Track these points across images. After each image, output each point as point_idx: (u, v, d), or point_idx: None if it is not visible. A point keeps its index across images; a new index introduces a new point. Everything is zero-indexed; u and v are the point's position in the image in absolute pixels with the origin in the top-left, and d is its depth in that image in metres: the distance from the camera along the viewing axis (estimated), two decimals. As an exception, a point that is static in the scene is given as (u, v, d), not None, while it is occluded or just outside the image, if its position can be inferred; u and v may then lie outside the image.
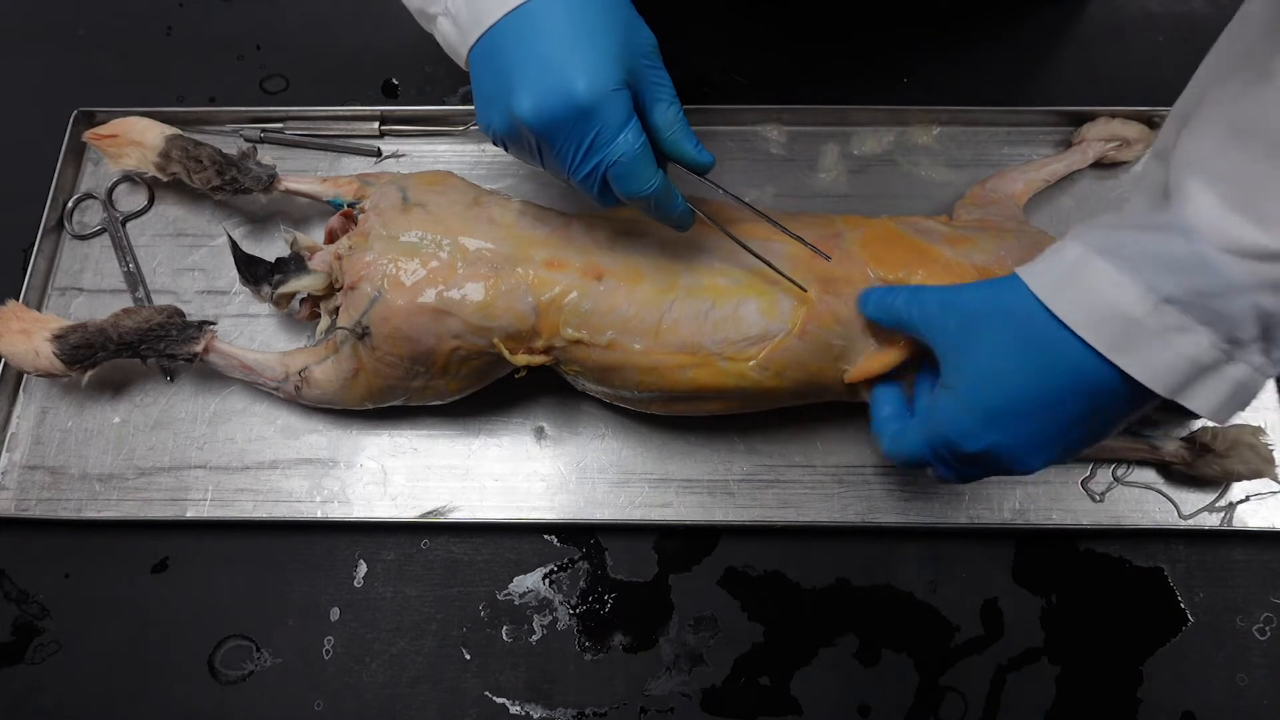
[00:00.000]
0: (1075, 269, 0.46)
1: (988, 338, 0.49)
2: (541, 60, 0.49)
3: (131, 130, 0.72)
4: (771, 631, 0.65)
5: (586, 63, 0.49)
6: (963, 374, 0.50)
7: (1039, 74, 0.83)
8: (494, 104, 0.52)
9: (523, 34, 0.50)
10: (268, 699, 0.64)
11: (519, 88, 0.50)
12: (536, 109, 0.49)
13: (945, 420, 0.51)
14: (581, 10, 0.50)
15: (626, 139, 0.50)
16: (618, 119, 0.50)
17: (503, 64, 0.51)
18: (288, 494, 0.68)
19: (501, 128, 0.53)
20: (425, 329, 0.60)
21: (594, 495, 0.68)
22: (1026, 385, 0.48)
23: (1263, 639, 0.64)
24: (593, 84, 0.49)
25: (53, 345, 0.64)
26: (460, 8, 0.52)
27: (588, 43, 0.49)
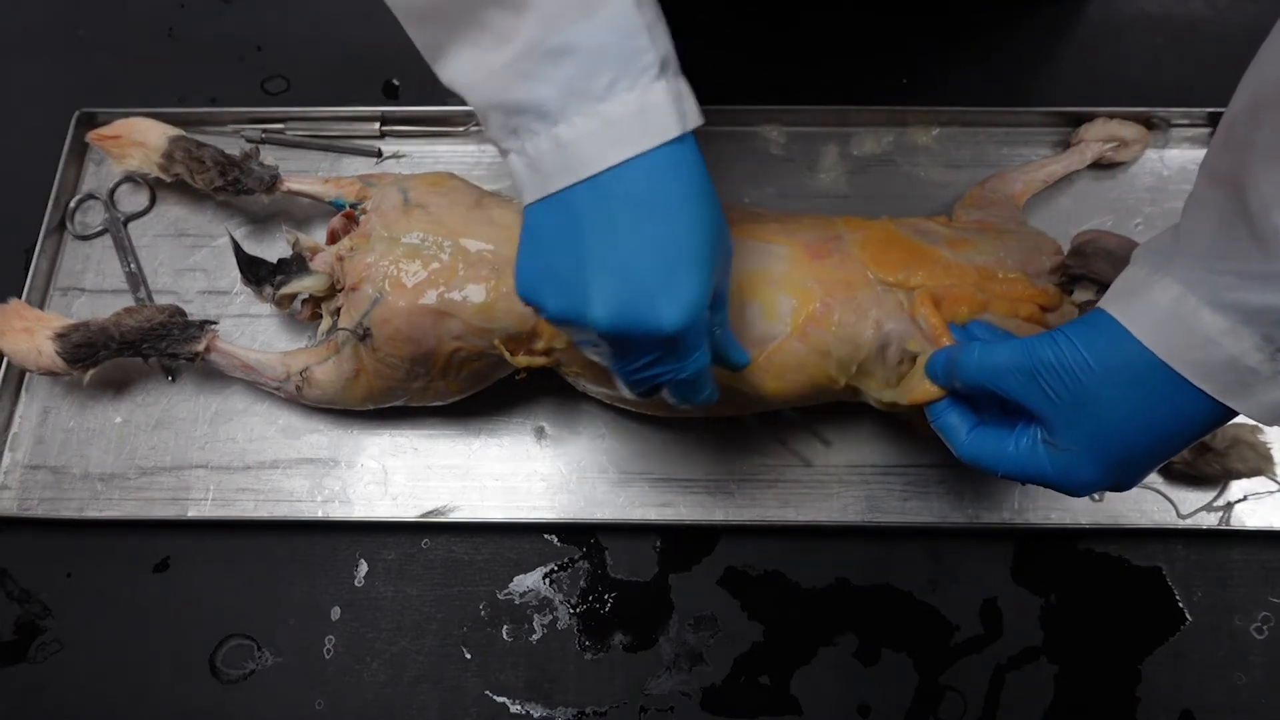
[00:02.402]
0: (1182, 314, 0.45)
1: (1105, 396, 0.47)
2: (631, 270, 0.44)
3: (134, 131, 0.73)
4: (771, 631, 0.65)
5: (683, 290, 0.44)
6: (1078, 432, 0.48)
7: (1038, 75, 0.84)
8: (555, 286, 0.46)
9: (613, 216, 0.44)
10: (268, 698, 0.64)
11: (597, 290, 0.44)
12: (613, 323, 0.44)
13: (1054, 470, 0.50)
14: (685, 206, 0.44)
15: (698, 359, 0.48)
16: (694, 342, 0.47)
17: (581, 247, 0.44)
18: (289, 494, 0.68)
19: (558, 315, 0.46)
20: (426, 330, 0.60)
21: (594, 495, 0.68)
22: (1150, 436, 0.47)
23: (1260, 638, 0.65)
24: (685, 317, 0.44)
25: (55, 344, 0.65)
26: (544, 152, 0.44)
27: (687, 261, 0.44)
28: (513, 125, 0.45)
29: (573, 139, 0.44)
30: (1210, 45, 0.84)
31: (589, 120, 0.43)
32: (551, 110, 0.43)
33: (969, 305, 0.60)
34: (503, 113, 0.45)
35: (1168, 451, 0.48)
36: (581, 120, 0.43)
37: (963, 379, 0.53)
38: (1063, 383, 0.48)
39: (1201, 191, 0.48)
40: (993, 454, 0.52)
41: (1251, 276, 0.43)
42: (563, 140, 0.44)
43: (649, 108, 0.43)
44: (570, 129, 0.43)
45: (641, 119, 0.43)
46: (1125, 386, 0.47)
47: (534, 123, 0.44)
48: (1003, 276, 0.62)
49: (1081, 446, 0.48)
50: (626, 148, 0.43)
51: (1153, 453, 0.48)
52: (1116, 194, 0.76)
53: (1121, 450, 0.48)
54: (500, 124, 0.45)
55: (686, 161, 0.45)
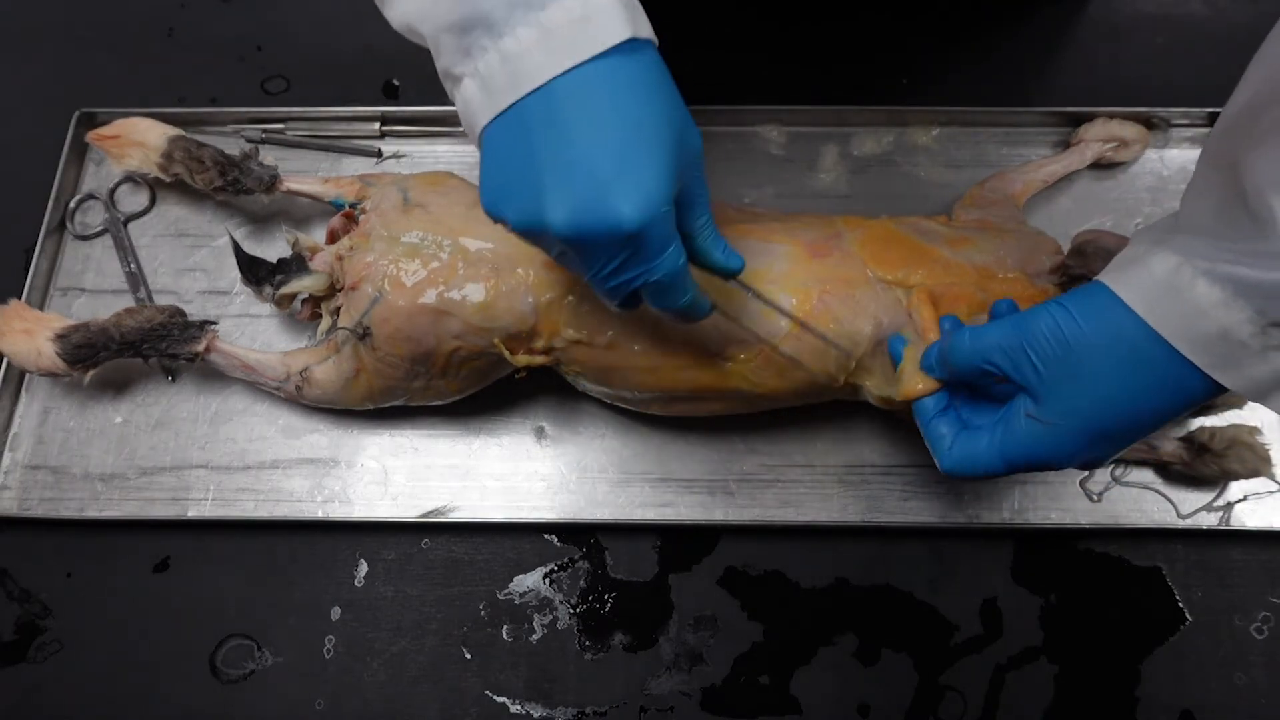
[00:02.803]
0: (1177, 286, 0.45)
1: (1093, 365, 0.47)
2: (583, 167, 0.43)
3: (134, 131, 0.73)
4: (771, 631, 0.65)
5: (638, 183, 0.43)
6: (1064, 404, 0.48)
7: (1038, 75, 0.84)
8: (513, 197, 0.45)
9: (563, 118, 0.43)
10: (268, 698, 0.64)
11: (551, 193, 0.43)
12: (571, 224, 0.43)
13: (1037, 445, 0.49)
14: (637, 100, 0.43)
15: (669, 258, 0.46)
16: (661, 239, 0.45)
17: (533, 153, 0.44)
18: (289, 494, 0.68)
19: (519, 224, 0.46)
20: (426, 329, 0.60)
21: (594, 495, 0.68)
22: (1134, 407, 0.47)
23: (1260, 638, 0.65)
24: (643, 210, 0.43)
25: (55, 345, 0.65)
26: (494, 68, 0.44)
27: (642, 153, 0.43)
28: (465, 45, 0.44)
29: (517, 51, 0.43)
30: (1210, 45, 0.84)
31: (531, 30, 0.43)
32: (497, 21, 0.43)
33: (968, 304, 0.60)
34: (454, 34, 0.44)
35: (1151, 426, 0.48)
36: (525, 30, 0.43)
37: (955, 363, 0.53)
38: (1054, 351, 0.48)
39: (1200, 177, 0.48)
40: (974, 448, 0.52)
41: (1247, 253, 0.44)
42: (509, 53, 0.43)
43: (592, 13, 0.43)
44: (515, 41, 0.43)
45: (585, 26, 0.43)
46: (1115, 357, 0.47)
47: (483, 38, 0.44)
48: (1002, 276, 0.62)
49: (1068, 418, 0.48)
50: (569, 56, 0.43)
51: (1137, 426, 0.48)
52: (1116, 194, 0.76)
53: (1107, 422, 0.48)
54: (453, 47, 0.45)
55: (639, 65, 0.44)
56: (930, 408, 0.55)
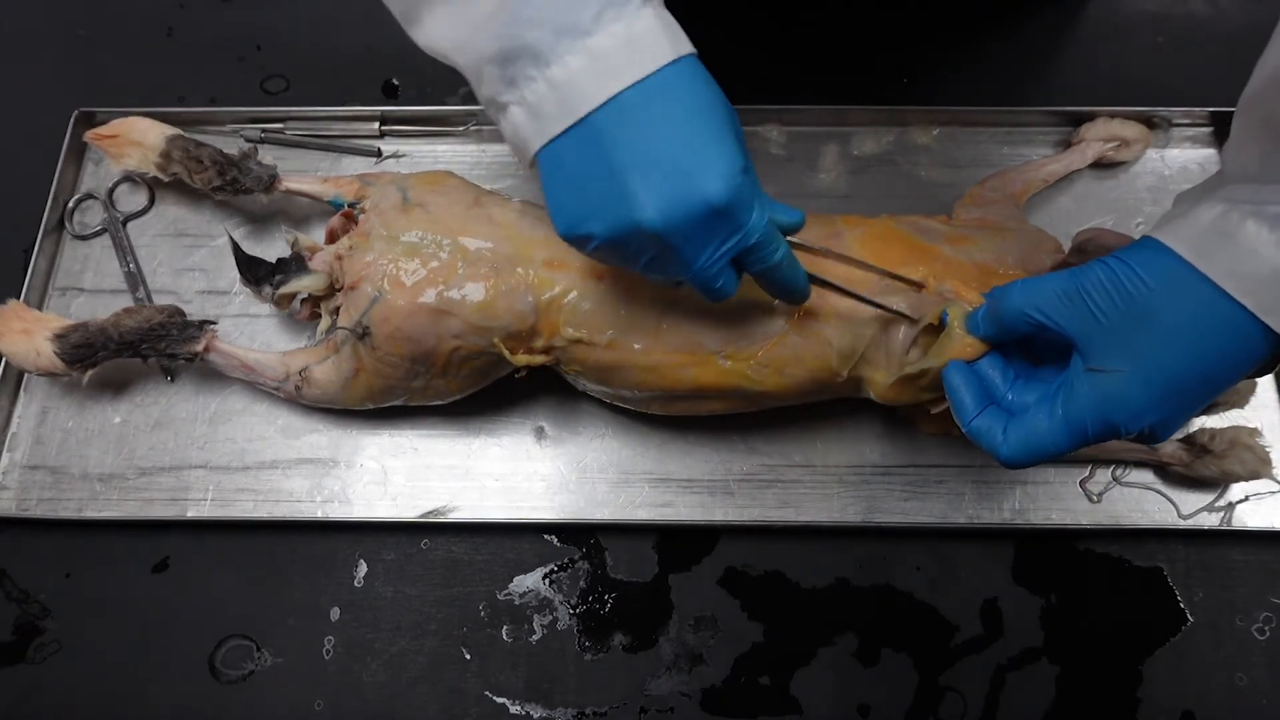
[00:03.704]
0: (1225, 229, 0.45)
1: (1151, 311, 0.47)
2: (664, 159, 0.45)
3: (132, 130, 0.73)
4: (771, 631, 0.65)
5: (716, 158, 0.45)
6: (1128, 349, 0.47)
7: (1039, 74, 0.84)
8: (598, 210, 0.46)
9: (632, 127, 0.45)
10: (268, 699, 0.64)
11: (639, 192, 0.45)
12: (666, 213, 0.45)
13: (1105, 405, 0.48)
14: (695, 98, 0.46)
15: (756, 218, 0.48)
16: (746, 203, 0.47)
17: (608, 162, 0.45)
18: (288, 494, 0.68)
19: (610, 233, 0.47)
20: (425, 329, 0.60)
21: (594, 495, 0.68)
22: (1197, 356, 0.46)
23: (1262, 639, 0.65)
24: (728, 181, 0.45)
25: (54, 345, 0.65)
26: (543, 96, 0.45)
27: (712, 135, 0.46)
28: (509, 75, 0.46)
29: (566, 78, 0.45)
30: (1211, 44, 0.84)
31: (580, 58, 0.44)
32: (544, 51, 0.44)
33: (969, 303, 0.59)
34: (497, 64, 0.46)
35: (1213, 380, 0.47)
36: (573, 59, 0.44)
37: (1005, 314, 0.52)
38: (1111, 297, 0.48)
39: (1239, 132, 0.48)
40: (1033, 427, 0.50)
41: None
42: (557, 81, 0.45)
43: (637, 37, 0.45)
44: (563, 69, 0.45)
45: (631, 48, 0.45)
46: (1173, 303, 0.46)
47: (529, 68, 0.45)
48: (1003, 274, 0.62)
49: (1128, 365, 0.47)
50: (621, 79, 0.45)
51: (1199, 379, 0.47)
52: (1117, 193, 0.76)
53: (1168, 372, 0.47)
54: (496, 77, 0.46)
55: (689, 72, 0.46)
56: (970, 409, 0.53)
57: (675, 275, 0.50)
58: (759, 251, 0.49)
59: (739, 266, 0.51)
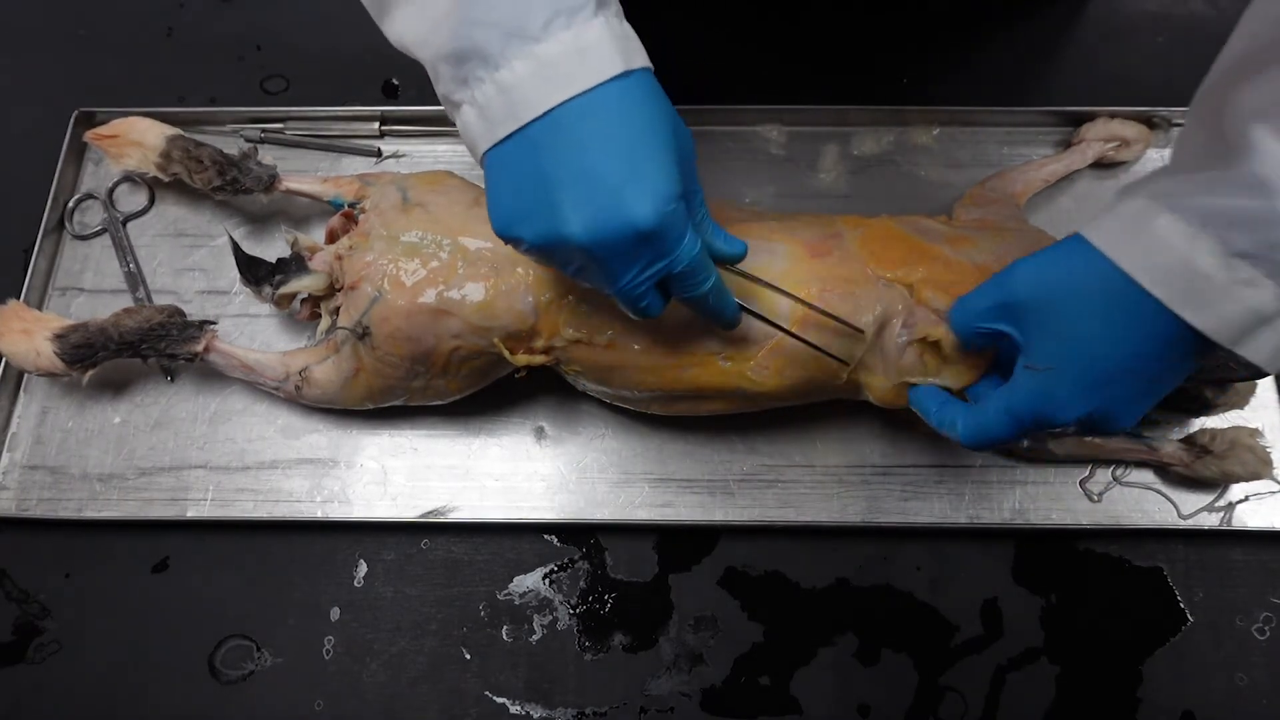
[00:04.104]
0: (1142, 223, 0.46)
1: (1070, 306, 0.48)
2: (595, 177, 0.45)
3: (132, 130, 0.73)
4: (771, 631, 0.65)
5: (648, 182, 0.45)
6: (1049, 350, 0.49)
7: (1039, 74, 0.84)
8: (528, 216, 0.47)
9: (569, 139, 0.45)
10: (268, 699, 0.64)
11: (567, 206, 0.45)
12: (590, 231, 0.45)
13: (1036, 399, 0.50)
14: (636, 116, 0.46)
15: (687, 246, 0.48)
16: (677, 231, 0.47)
17: (543, 172, 0.45)
18: (288, 494, 0.68)
19: (537, 241, 0.47)
20: (425, 329, 0.60)
21: (594, 495, 0.68)
22: (1116, 350, 0.47)
23: (1262, 639, 0.65)
24: (656, 206, 0.45)
25: (54, 345, 0.65)
26: (491, 98, 0.45)
27: (647, 157, 0.45)
28: (462, 75, 0.46)
29: (514, 83, 0.45)
30: (1211, 44, 0.82)
31: (527, 63, 0.44)
32: (493, 54, 0.44)
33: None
34: (450, 63, 0.46)
35: (1142, 373, 0.48)
36: (521, 63, 0.44)
37: (959, 332, 0.55)
38: (1033, 296, 0.49)
39: (1187, 128, 0.50)
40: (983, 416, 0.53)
41: (1214, 181, 0.44)
42: (505, 85, 0.45)
43: (588, 47, 0.44)
44: (511, 73, 0.45)
45: (580, 58, 0.44)
46: (1089, 296, 0.47)
47: (479, 69, 0.45)
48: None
49: (1057, 361, 0.49)
50: (566, 88, 0.44)
51: (1126, 371, 0.48)
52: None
53: (1093, 364, 0.48)
54: (450, 76, 0.47)
55: (637, 88, 0.46)
56: (932, 405, 0.57)
57: (600, 288, 0.51)
58: (685, 280, 0.49)
59: (666, 290, 0.51)
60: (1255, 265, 0.43)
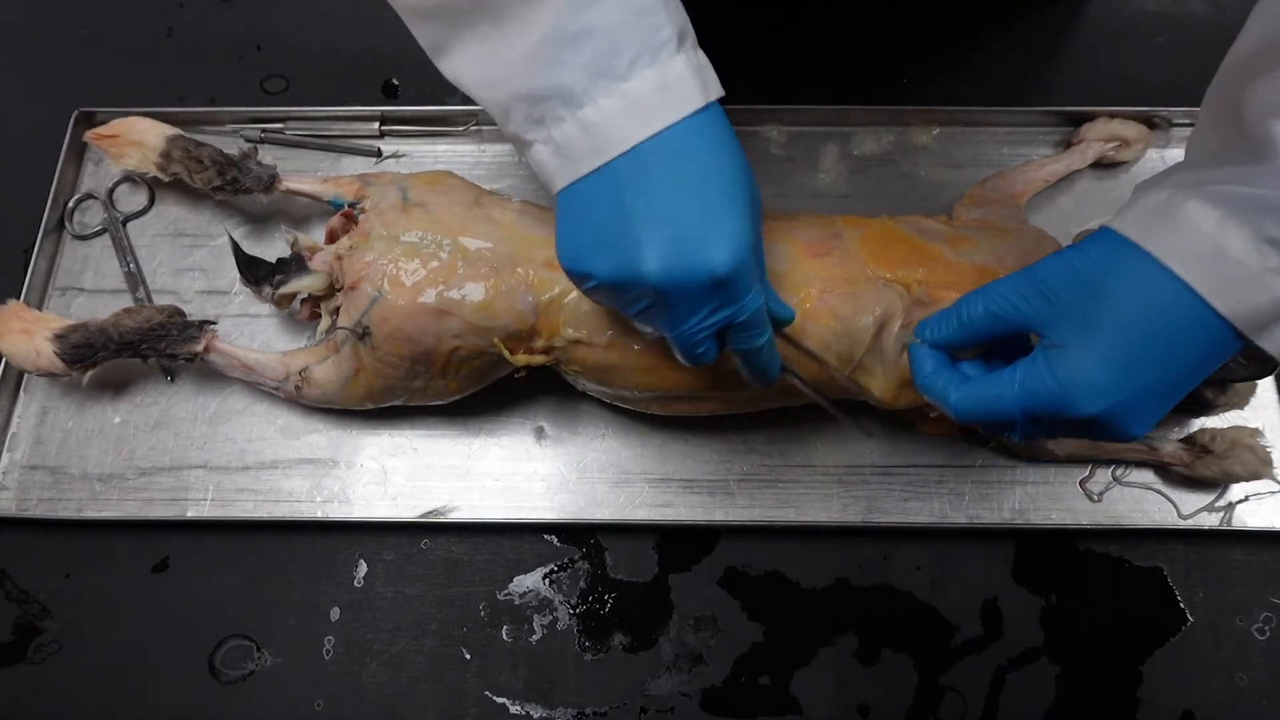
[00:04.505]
0: (1170, 210, 0.46)
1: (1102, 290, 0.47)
2: (678, 218, 0.45)
3: (132, 130, 0.73)
4: (771, 631, 0.65)
5: (729, 230, 0.46)
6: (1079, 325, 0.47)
7: (1039, 74, 0.84)
8: (604, 250, 0.47)
9: (654, 177, 0.45)
10: (268, 699, 0.64)
11: (647, 244, 0.45)
12: (668, 272, 0.45)
13: (1056, 381, 0.47)
14: (720, 160, 0.46)
15: (753, 298, 0.48)
16: (747, 281, 0.47)
17: (625, 209, 0.46)
18: (288, 494, 0.68)
19: (611, 276, 0.47)
20: (425, 329, 0.60)
21: (594, 495, 0.68)
22: (1145, 338, 0.46)
23: (1262, 639, 0.65)
24: (735, 255, 0.45)
25: (53, 345, 0.64)
26: (572, 137, 0.46)
27: (729, 204, 0.46)
28: (538, 115, 0.46)
29: (599, 120, 0.45)
30: (1211, 44, 0.82)
31: (614, 100, 0.45)
32: (577, 94, 0.45)
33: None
34: (527, 103, 0.46)
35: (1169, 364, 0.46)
36: (607, 101, 0.45)
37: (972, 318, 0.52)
38: (1066, 285, 0.48)
39: (1202, 124, 0.50)
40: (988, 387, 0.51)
41: (1243, 175, 0.45)
42: (589, 123, 0.45)
43: (671, 82, 0.45)
44: (596, 111, 0.45)
45: (664, 94, 0.45)
46: (1121, 283, 0.47)
47: (559, 109, 0.45)
48: (1003, 275, 0.62)
49: (1084, 343, 0.47)
50: (652, 124, 0.45)
51: (1155, 362, 0.46)
52: (1118, 193, 0.76)
53: (1123, 350, 0.46)
54: (524, 115, 0.47)
55: (714, 124, 0.47)
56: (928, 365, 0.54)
57: (662, 330, 0.51)
58: (746, 330, 0.50)
59: (721, 339, 0.51)
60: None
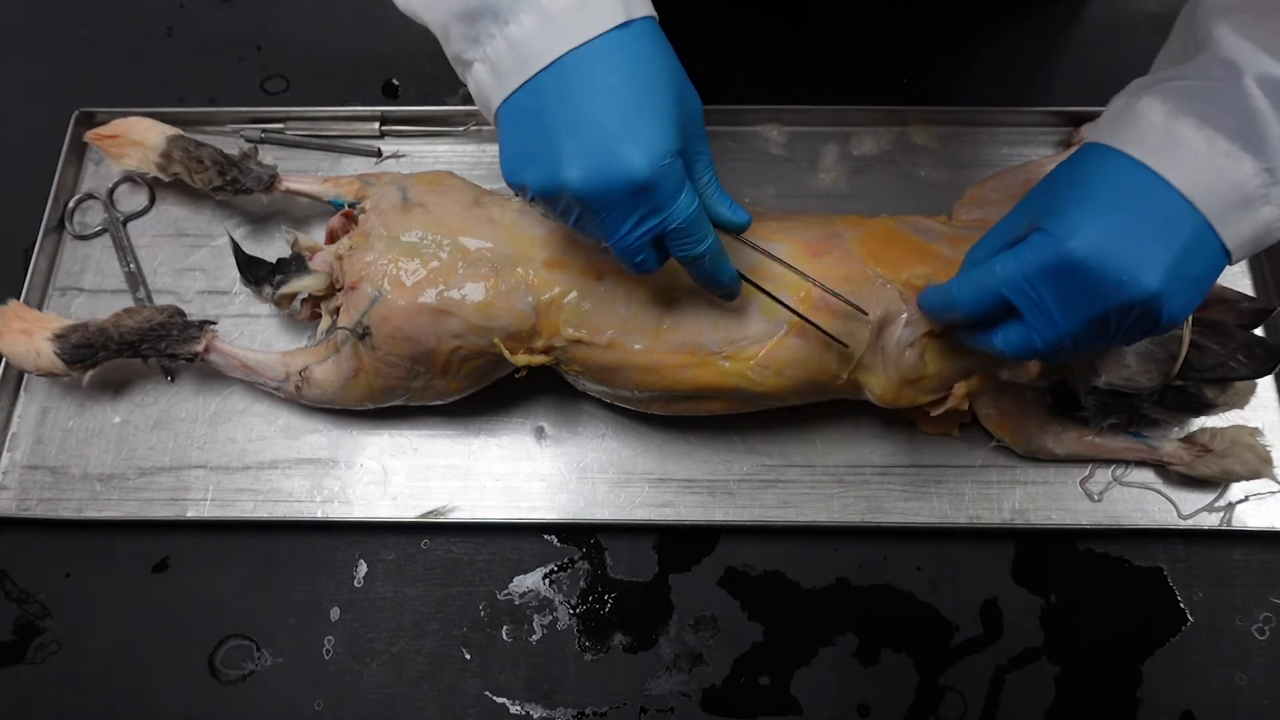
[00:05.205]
0: (1127, 109, 0.51)
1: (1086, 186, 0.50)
2: (594, 126, 0.46)
3: (133, 130, 0.73)
4: (771, 631, 0.65)
5: (645, 134, 0.46)
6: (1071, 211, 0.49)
7: (1039, 74, 0.84)
8: (532, 163, 0.49)
9: (572, 88, 0.47)
10: (268, 699, 0.64)
11: (567, 153, 0.47)
12: (586, 179, 0.47)
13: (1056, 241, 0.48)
14: (638, 67, 0.47)
15: (683, 203, 0.49)
16: (672, 186, 0.48)
17: (547, 121, 0.47)
18: (288, 494, 0.68)
19: (539, 188, 0.49)
20: (426, 329, 0.60)
21: (594, 495, 0.68)
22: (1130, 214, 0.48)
23: (1262, 639, 0.65)
24: (651, 158, 0.46)
25: (54, 345, 0.65)
26: (502, 53, 0.48)
27: (646, 110, 0.47)
28: (473, 34, 0.48)
29: (521, 36, 0.47)
30: None
31: (534, 16, 0.46)
32: (503, 10, 0.47)
33: None
34: (462, 22, 0.48)
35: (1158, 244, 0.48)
36: (528, 18, 0.47)
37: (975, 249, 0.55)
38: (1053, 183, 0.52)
39: (1169, 40, 0.57)
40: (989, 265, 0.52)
41: (1188, 70, 0.50)
42: (514, 39, 0.47)
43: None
44: (519, 27, 0.47)
45: (580, 9, 0.46)
46: (1101, 175, 0.50)
47: (490, 26, 0.48)
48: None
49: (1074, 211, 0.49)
50: (570, 39, 0.46)
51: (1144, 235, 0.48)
52: (1117, 194, 0.76)
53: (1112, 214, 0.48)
54: (461, 35, 0.49)
55: (639, 38, 0.48)
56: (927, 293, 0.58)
57: (598, 239, 0.52)
58: (681, 238, 0.50)
59: (664, 248, 0.52)
60: (1232, 140, 0.47)
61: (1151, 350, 0.60)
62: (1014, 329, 0.52)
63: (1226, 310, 0.63)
